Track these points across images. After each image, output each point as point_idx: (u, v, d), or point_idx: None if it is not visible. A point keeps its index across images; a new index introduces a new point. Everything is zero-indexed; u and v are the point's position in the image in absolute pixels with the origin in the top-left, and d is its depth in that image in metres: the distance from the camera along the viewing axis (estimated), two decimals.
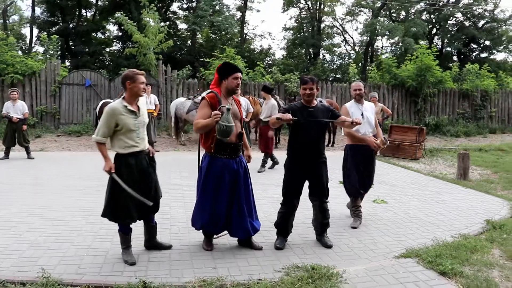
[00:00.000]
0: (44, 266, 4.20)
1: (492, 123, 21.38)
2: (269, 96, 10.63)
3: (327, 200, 5.19)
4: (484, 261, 4.64)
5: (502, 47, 36.40)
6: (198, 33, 32.13)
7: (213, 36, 34.72)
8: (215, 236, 5.02)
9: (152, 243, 4.91)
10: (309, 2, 37.50)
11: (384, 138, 6.05)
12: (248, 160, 5.12)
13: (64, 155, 12.10)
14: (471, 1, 34.62)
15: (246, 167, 4.97)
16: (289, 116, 4.73)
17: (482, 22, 36.22)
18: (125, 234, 4.61)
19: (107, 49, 33.34)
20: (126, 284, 3.94)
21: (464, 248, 4.98)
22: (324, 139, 5.20)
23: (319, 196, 5.12)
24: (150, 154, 4.73)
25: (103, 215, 4.56)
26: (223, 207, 4.76)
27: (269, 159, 10.21)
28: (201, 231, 4.99)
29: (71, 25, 30.09)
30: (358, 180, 5.98)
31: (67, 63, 26.41)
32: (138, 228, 5.15)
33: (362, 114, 5.88)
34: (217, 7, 31.71)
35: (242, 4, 36.10)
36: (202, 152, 4.95)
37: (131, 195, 4.36)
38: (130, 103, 4.47)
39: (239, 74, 4.75)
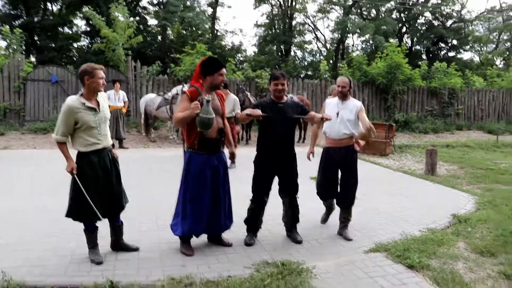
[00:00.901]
0: (5, 269, 4.05)
1: (459, 120, 21.80)
2: (227, 92, 10.55)
3: (297, 196, 5.19)
4: (450, 254, 4.74)
5: (468, 47, 37.30)
6: (168, 28, 31.79)
7: (184, 32, 34.42)
8: None
9: (118, 245, 4.78)
10: None
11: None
12: (231, 157, 5.09)
13: (29, 153, 11.79)
14: (440, 1, 35.28)
15: (226, 164, 4.90)
16: (258, 112, 4.71)
17: (450, 22, 37.00)
18: (91, 233, 4.50)
19: (75, 45, 32.59)
20: (92, 284, 3.85)
21: (431, 241, 5.07)
22: (293, 135, 5.19)
23: (289, 192, 5.12)
24: (114, 155, 4.63)
25: (67, 215, 4.43)
26: (206, 206, 4.66)
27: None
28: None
29: (36, 19, 29.29)
30: (326, 186, 5.46)
31: (32, 59, 25.77)
32: (105, 226, 5.06)
33: (337, 113, 5.28)
34: (188, 3, 31.46)
35: (214, 0, 35.88)
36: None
37: (93, 194, 4.27)
38: (88, 99, 4.31)
39: (225, 70, 4.68)
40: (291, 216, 5.20)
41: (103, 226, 4.65)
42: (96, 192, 4.32)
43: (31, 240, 5.02)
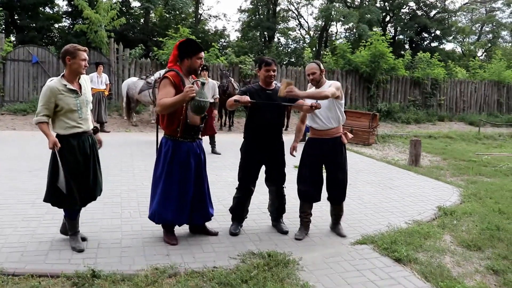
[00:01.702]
0: None
1: (441, 111, 21.94)
2: (206, 75, 10.40)
3: (283, 186, 5.10)
4: (437, 247, 4.71)
5: (451, 37, 37.51)
6: (151, 11, 31.34)
7: (167, 15, 33.98)
8: None
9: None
10: None
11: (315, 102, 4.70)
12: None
13: (8, 135, 11.53)
14: None
15: (204, 151, 4.79)
16: (247, 98, 4.60)
17: (433, 12, 37.13)
18: (71, 220, 4.35)
19: (56, 25, 31.88)
20: (73, 273, 3.71)
21: (418, 234, 5.04)
22: (282, 123, 5.10)
23: (276, 181, 5.02)
24: (98, 144, 4.49)
25: (45, 200, 4.29)
26: (190, 195, 4.53)
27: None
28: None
29: None
30: (311, 182, 4.97)
31: (12, 38, 25.16)
32: (87, 213, 4.93)
33: (316, 102, 4.75)
34: None
35: None
36: (160, 136, 4.64)
37: (70, 177, 4.13)
38: (70, 81, 4.18)
39: (203, 54, 4.47)
40: (277, 205, 5.12)
41: (85, 212, 4.52)
42: (75, 177, 4.19)
43: (9, 224, 4.87)
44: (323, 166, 5.02)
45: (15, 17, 28.02)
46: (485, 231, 5.24)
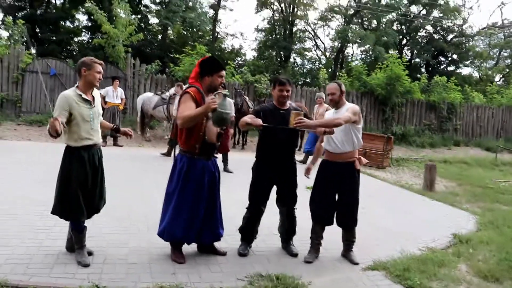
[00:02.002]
0: None
1: (457, 135, 21.70)
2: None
3: (295, 207, 5.00)
4: (452, 277, 4.55)
5: (468, 62, 37.30)
6: (169, 28, 31.59)
7: (185, 32, 34.27)
8: None
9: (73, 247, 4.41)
10: (282, 5, 37.46)
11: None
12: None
13: (23, 145, 11.59)
14: (441, 15, 35.28)
15: (219, 169, 4.73)
16: (259, 121, 4.53)
17: (451, 36, 37.00)
18: (79, 233, 4.31)
19: (75, 39, 32.39)
20: None
21: (432, 262, 4.88)
22: (295, 143, 5.03)
23: (287, 202, 4.92)
24: (128, 134, 4.79)
25: (53, 212, 4.27)
26: (202, 213, 4.47)
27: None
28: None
29: (38, 12, 29.12)
30: (323, 205, 4.88)
31: (33, 51, 25.54)
32: (95, 226, 4.88)
33: None
34: (190, 3, 31.27)
35: (216, 2, 35.73)
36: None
37: (79, 189, 4.15)
38: (84, 92, 4.24)
39: (224, 73, 4.48)
40: (287, 227, 5.01)
41: (93, 226, 4.46)
42: (84, 189, 4.21)
43: (16, 235, 4.82)
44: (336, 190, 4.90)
45: (37, 30, 28.50)
46: (503, 262, 5.05)
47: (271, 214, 5.56)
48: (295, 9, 37.13)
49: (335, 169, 4.81)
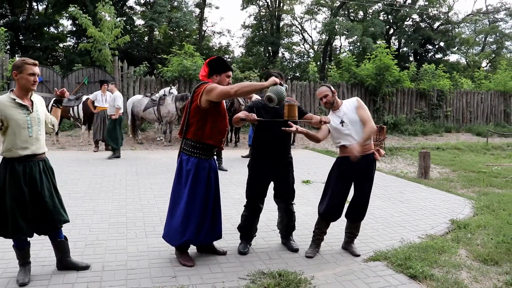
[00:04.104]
0: None
1: (448, 122, 21.83)
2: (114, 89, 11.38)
3: (293, 202, 4.97)
4: (452, 263, 4.54)
5: (455, 49, 37.51)
6: (155, 29, 31.50)
7: (171, 32, 34.19)
8: None
9: (64, 263, 4.18)
10: (268, 0, 37.45)
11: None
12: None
13: None
14: (427, 3, 35.41)
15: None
16: (254, 116, 4.45)
17: (437, 24, 37.20)
18: (19, 250, 3.98)
19: (61, 45, 32.16)
20: None
21: (432, 249, 4.87)
22: (290, 137, 4.98)
23: (285, 198, 4.87)
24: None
25: None
26: (210, 213, 4.42)
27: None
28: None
29: (21, 19, 28.85)
30: (336, 203, 4.74)
31: (17, 58, 25.29)
32: (91, 233, 4.82)
33: (342, 122, 4.67)
34: (175, 3, 31.24)
35: (201, 1, 35.62)
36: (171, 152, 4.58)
37: (16, 205, 3.77)
38: (19, 96, 3.82)
39: (231, 73, 4.48)
40: (286, 223, 4.97)
41: (87, 233, 4.39)
42: (20, 206, 3.80)
43: (11, 248, 4.69)
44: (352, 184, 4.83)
45: (20, 37, 28.24)
46: (501, 244, 5.06)
47: (270, 211, 5.55)
48: (281, 4, 37.16)
49: (355, 163, 4.56)
